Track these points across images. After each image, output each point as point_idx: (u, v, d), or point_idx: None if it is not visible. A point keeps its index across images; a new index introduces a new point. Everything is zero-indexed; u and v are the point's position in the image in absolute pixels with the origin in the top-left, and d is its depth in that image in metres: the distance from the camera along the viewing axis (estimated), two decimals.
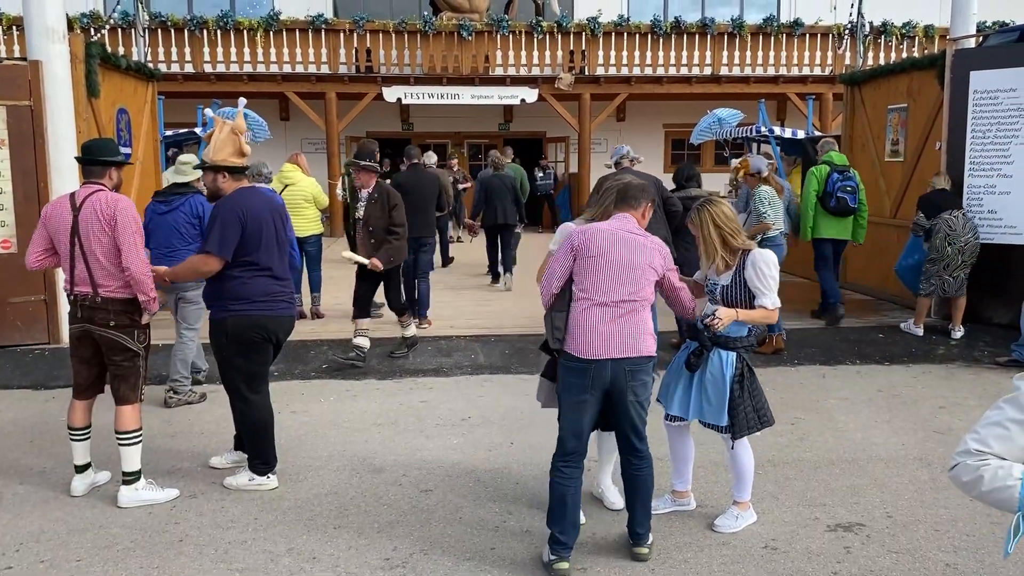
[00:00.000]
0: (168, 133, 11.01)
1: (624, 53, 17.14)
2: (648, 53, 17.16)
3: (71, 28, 9.04)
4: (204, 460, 4.89)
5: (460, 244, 15.36)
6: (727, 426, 3.84)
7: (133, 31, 13.09)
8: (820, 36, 17.28)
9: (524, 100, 17.02)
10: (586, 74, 17.25)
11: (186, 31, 15.99)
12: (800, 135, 11.77)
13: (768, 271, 3.78)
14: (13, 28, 14.57)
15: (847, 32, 13.10)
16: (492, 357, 7.28)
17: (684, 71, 17.26)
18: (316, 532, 3.97)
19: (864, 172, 9.80)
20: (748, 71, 17.32)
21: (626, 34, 17.09)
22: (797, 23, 17.17)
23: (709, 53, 17.26)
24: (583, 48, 17.20)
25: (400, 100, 16.89)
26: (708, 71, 17.30)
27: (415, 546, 3.82)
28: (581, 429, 3.56)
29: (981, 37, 9.26)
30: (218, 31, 16.09)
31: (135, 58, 10.75)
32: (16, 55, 13.43)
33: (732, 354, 3.82)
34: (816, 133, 11.65)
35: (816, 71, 17.33)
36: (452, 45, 16.77)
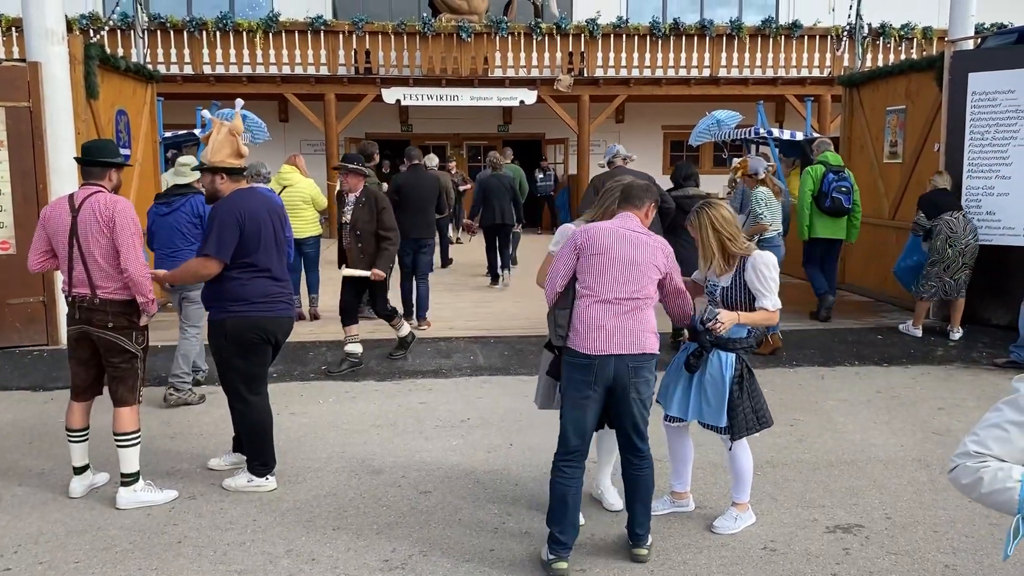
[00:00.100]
0: (167, 134, 11.00)
1: (623, 55, 17.13)
2: (647, 55, 17.15)
3: (70, 29, 9.05)
4: (203, 462, 4.88)
5: (459, 245, 15.35)
6: (726, 427, 3.84)
7: (132, 32, 13.05)
8: (819, 38, 17.27)
9: (523, 102, 17.00)
10: (585, 76, 17.24)
11: (185, 32, 15.98)
12: (799, 137, 11.78)
13: (768, 273, 3.79)
14: (12, 30, 14.57)
15: (845, 34, 13.09)
16: (491, 358, 7.27)
17: (683, 73, 17.25)
18: (315, 533, 3.97)
19: (862, 174, 9.82)
20: (747, 73, 17.31)
21: (625, 36, 17.08)
22: (796, 25, 17.17)
23: (708, 55, 17.25)
24: (582, 50, 17.20)
25: (399, 101, 16.87)
26: (707, 73, 17.29)
27: (414, 547, 3.82)
28: (584, 427, 3.56)
29: (979, 39, 9.26)
30: (217, 32, 16.07)
31: (134, 59, 10.72)
32: (15, 56, 13.41)
33: (731, 355, 3.83)
34: (814, 135, 11.64)
35: (815, 73, 17.31)
36: (451, 47, 16.77)
